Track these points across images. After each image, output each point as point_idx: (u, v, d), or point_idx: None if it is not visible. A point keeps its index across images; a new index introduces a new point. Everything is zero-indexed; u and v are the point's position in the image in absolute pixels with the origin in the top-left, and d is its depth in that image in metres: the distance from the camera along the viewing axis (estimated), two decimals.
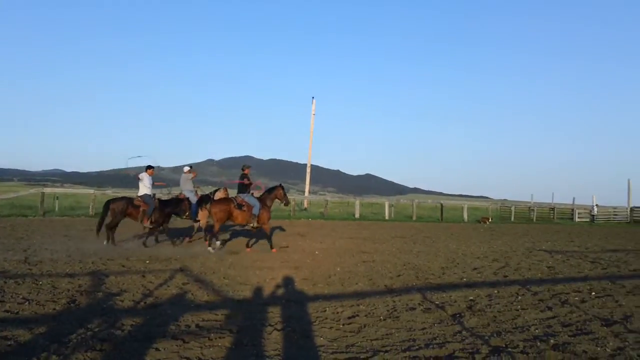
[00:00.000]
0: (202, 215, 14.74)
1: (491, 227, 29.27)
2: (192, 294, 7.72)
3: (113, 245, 12.96)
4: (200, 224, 15.12)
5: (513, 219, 41.06)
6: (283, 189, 14.29)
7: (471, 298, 7.97)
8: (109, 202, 13.37)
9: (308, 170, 24.68)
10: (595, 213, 41.56)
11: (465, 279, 9.88)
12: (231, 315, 6.49)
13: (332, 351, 5.10)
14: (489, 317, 6.72)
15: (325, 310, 6.91)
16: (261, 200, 13.77)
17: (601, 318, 6.73)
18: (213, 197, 14.78)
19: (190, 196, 14.57)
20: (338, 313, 6.78)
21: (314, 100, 27.68)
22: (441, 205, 38.25)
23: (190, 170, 15.20)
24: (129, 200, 13.47)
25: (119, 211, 13.19)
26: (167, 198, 14.73)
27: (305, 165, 27.18)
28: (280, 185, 14.37)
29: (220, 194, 15.23)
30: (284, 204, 14.46)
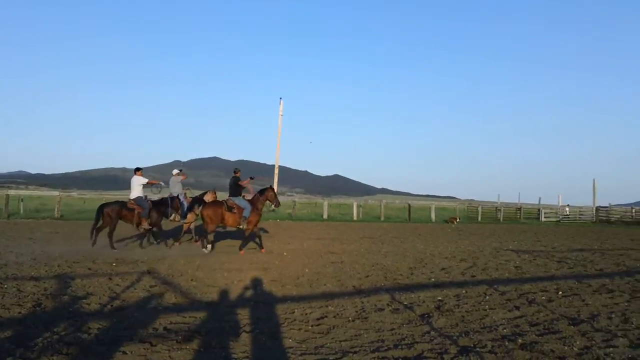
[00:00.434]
0: (191, 216, 14.88)
1: (459, 227, 29.67)
2: (160, 296, 7.63)
3: (113, 250, 12.89)
4: (190, 225, 15.30)
5: (480, 219, 41.72)
6: (273, 190, 14.30)
7: (439, 298, 8.05)
8: (103, 207, 13.37)
9: (276, 171, 24.64)
10: (567, 213, 42.51)
11: (433, 279, 9.97)
12: (199, 317, 6.43)
13: (301, 352, 5.09)
14: (457, 317, 6.79)
15: (293, 312, 6.90)
16: (252, 202, 13.82)
17: (568, 317, 6.85)
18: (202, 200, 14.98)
19: (179, 198, 14.71)
20: (307, 314, 6.78)
21: (282, 101, 27.69)
22: (409, 206, 38.62)
23: (179, 172, 15.36)
24: (122, 204, 13.51)
25: (114, 215, 13.23)
26: (157, 199, 14.78)
27: (273, 166, 27.08)
28: (271, 186, 14.38)
29: (209, 196, 15.35)
30: (274, 206, 14.50)
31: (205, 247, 13.39)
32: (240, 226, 13.68)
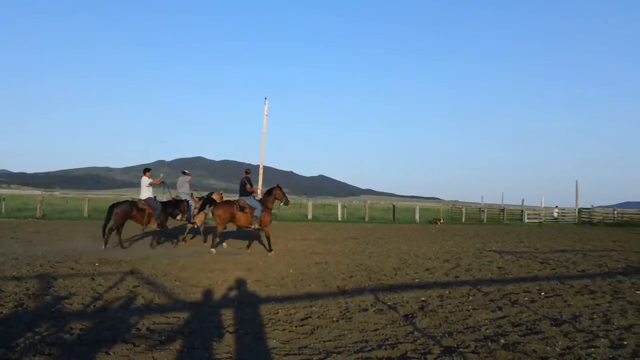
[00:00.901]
0: (199, 217, 15.11)
1: (442, 228, 29.82)
2: (143, 296, 7.58)
3: (122, 249, 13.08)
4: (197, 225, 15.49)
5: (464, 220, 41.98)
6: (281, 188, 14.32)
7: (423, 299, 8.08)
8: (113, 206, 13.45)
9: (260, 171, 24.54)
10: (556, 216, 42.90)
11: (417, 280, 10.01)
12: (182, 318, 6.39)
13: (285, 353, 5.09)
14: (441, 318, 6.83)
15: (278, 312, 6.89)
16: (262, 202, 13.89)
17: (550, 318, 6.92)
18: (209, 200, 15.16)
19: (187, 199, 14.94)
20: (291, 315, 6.77)
21: (267, 102, 27.58)
22: (393, 207, 38.77)
23: (187, 173, 15.52)
24: (132, 204, 13.65)
25: (123, 215, 13.34)
26: (165, 200, 15.05)
27: (258, 166, 26.98)
28: (278, 185, 14.40)
29: (216, 197, 15.58)
30: (283, 204, 14.47)
31: (214, 247, 13.45)
32: (252, 226, 13.76)
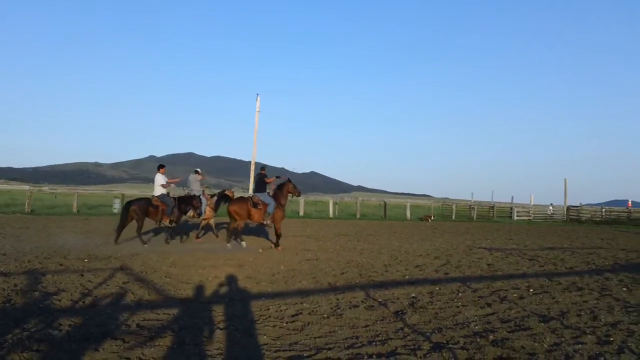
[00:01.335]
0: (209, 213, 15.34)
1: (433, 225, 29.94)
2: (133, 293, 7.55)
3: (143, 245, 13.16)
4: (209, 221, 15.78)
5: (454, 217, 42.14)
6: (291, 182, 14.51)
7: (413, 295, 8.12)
8: (130, 204, 13.59)
9: (252, 168, 24.54)
10: (551, 213, 43.18)
11: (407, 277, 10.04)
12: (173, 314, 6.38)
13: (276, 349, 5.09)
14: (431, 314, 6.86)
15: (268, 309, 6.89)
16: (275, 198, 14.06)
17: (539, 314, 6.97)
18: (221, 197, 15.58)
19: (199, 195, 15.14)
20: (282, 311, 6.78)
21: (259, 97, 27.55)
22: (384, 204, 38.84)
23: (199, 172, 15.83)
24: (147, 201, 13.77)
25: (141, 212, 13.46)
26: (179, 196, 15.08)
27: (250, 162, 26.93)
28: (288, 179, 14.68)
29: (228, 194, 15.82)
30: (296, 196, 14.83)
31: (229, 242, 13.66)
32: (265, 222, 13.97)
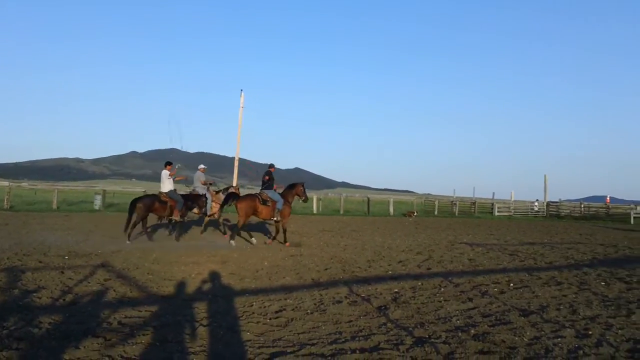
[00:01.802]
0: (215, 209, 15.47)
1: (416, 221, 30.10)
2: (114, 290, 7.49)
3: (150, 241, 13.56)
4: (216, 216, 15.97)
5: (436, 212, 42.39)
6: (303, 186, 14.86)
7: (396, 290, 8.16)
8: (136, 201, 13.73)
9: (236, 164, 24.40)
10: (537, 209, 43.60)
11: (390, 272, 10.10)
12: (155, 311, 6.34)
13: (259, 346, 5.09)
14: (413, 309, 6.90)
15: (252, 305, 6.88)
16: (283, 196, 14.29)
17: (519, 308, 7.04)
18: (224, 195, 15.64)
19: (204, 192, 15.34)
20: (265, 307, 6.77)
21: (243, 93, 27.39)
22: (368, 200, 38.97)
23: (204, 169, 16.08)
24: (155, 197, 13.97)
25: (146, 208, 13.62)
26: (185, 193, 15.34)
27: (233, 158, 26.83)
28: (302, 182, 15.23)
29: (233, 191, 15.91)
30: (302, 200, 15.11)
31: (233, 240, 13.76)
32: (273, 218, 14.23)
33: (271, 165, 14.80)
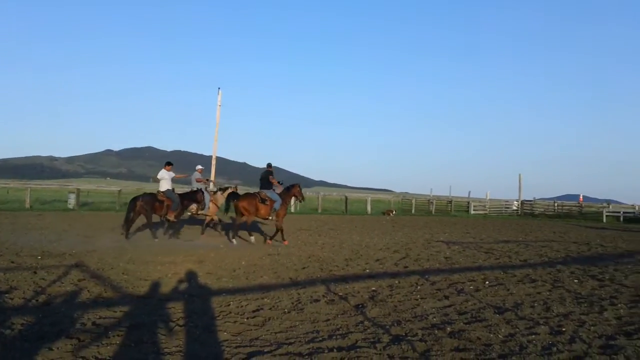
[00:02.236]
0: (213, 209, 15.69)
1: (393, 219, 30.28)
2: (89, 290, 7.38)
3: (126, 239, 13.51)
4: (212, 216, 16.06)
5: (414, 211, 42.70)
6: (299, 187, 15.39)
7: (373, 289, 8.19)
8: (135, 199, 13.78)
9: (213, 162, 24.22)
10: (515, 208, 44.14)
11: (368, 270, 10.14)
12: (130, 311, 6.27)
13: (236, 345, 5.06)
14: (390, 307, 6.93)
15: (229, 305, 6.84)
16: (281, 197, 14.56)
17: (494, 306, 7.12)
18: (222, 194, 16.07)
19: (200, 188, 15.54)
20: (242, 307, 6.74)
21: (220, 91, 27.20)
22: (346, 198, 39.05)
23: (202, 169, 16.34)
24: (153, 196, 14.00)
25: (145, 207, 13.67)
26: (182, 192, 15.44)
27: (211, 157, 26.67)
28: (297, 184, 15.53)
29: (231, 191, 16.22)
30: (299, 201, 15.73)
31: (234, 238, 14.02)
32: (270, 217, 14.56)
33: (269, 165, 14.96)
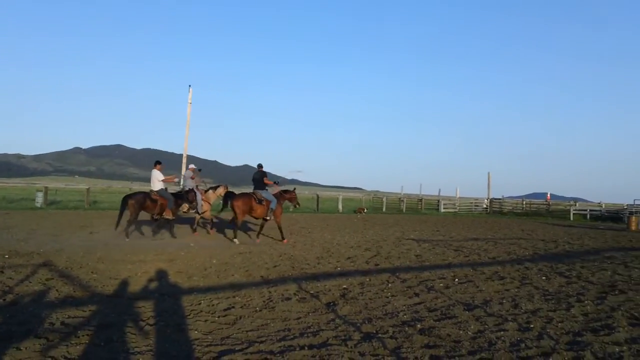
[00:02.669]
0: (206, 207, 15.87)
1: (364, 218, 30.45)
2: (57, 290, 7.27)
3: (126, 239, 13.37)
4: (205, 215, 16.36)
5: (385, 209, 43.01)
6: (295, 193, 15.85)
7: (345, 287, 8.24)
8: (127, 197, 13.74)
9: (184, 160, 24.04)
10: (485, 205, 44.78)
11: (339, 268, 10.18)
12: (100, 311, 6.20)
13: (207, 344, 5.05)
14: (361, 305, 6.99)
15: (200, 303, 6.82)
16: (277, 197, 14.86)
17: (463, 303, 7.23)
18: (214, 193, 16.44)
19: (192, 188, 15.67)
20: (213, 305, 6.72)
21: (191, 89, 27.04)
22: (317, 196, 39.09)
23: (195, 169, 16.47)
24: (146, 195, 13.93)
25: (138, 205, 13.64)
26: (175, 192, 15.61)
27: (181, 155, 26.42)
28: (294, 189, 16.23)
29: (222, 190, 16.54)
30: (294, 206, 15.96)
31: (235, 238, 14.17)
32: (267, 218, 14.66)
33: (260, 166, 15.18)
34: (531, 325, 6.05)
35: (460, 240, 16.86)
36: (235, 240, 13.88)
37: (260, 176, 14.86)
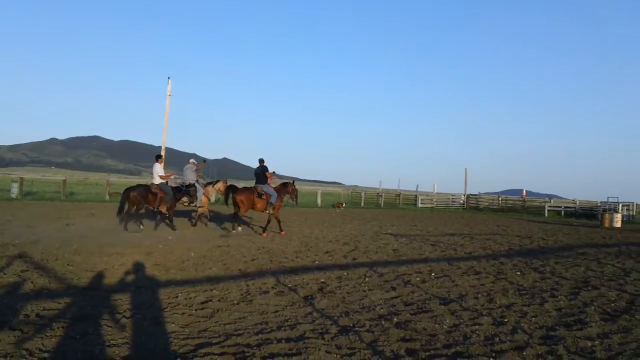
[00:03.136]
0: (205, 201, 16.02)
1: (343, 212, 30.53)
2: (32, 281, 7.20)
3: (125, 231, 13.59)
4: (203, 210, 16.50)
5: (363, 204, 43.17)
6: (295, 187, 16.16)
7: (322, 280, 8.28)
8: (128, 190, 13.80)
9: (162, 153, 23.82)
10: (462, 201, 45.23)
11: (317, 262, 10.23)
12: (75, 303, 6.15)
13: (184, 337, 5.05)
14: (339, 298, 7.04)
15: (177, 296, 6.80)
16: (277, 191, 15.14)
17: (439, 297, 7.32)
18: (213, 187, 16.67)
19: (193, 182, 15.76)
20: (191, 298, 6.71)
21: (170, 81, 26.80)
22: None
23: (195, 163, 16.51)
24: (147, 188, 14.03)
25: (139, 198, 13.74)
26: (175, 185, 15.48)
27: (160, 147, 26.18)
28: (293, 182, 16.38)
29: (221, 184, 16.68)
30: (292, 200, 16.18)
31: (235, 229, 15.00)
32: (267, 211, 15.13)
33: (262, 160, 15.30)
34: (505, 320, 6.14)
35: (437, 235, 17.02)
36: (239, 229, 14.88)
37: (261, 170, 15.08)
